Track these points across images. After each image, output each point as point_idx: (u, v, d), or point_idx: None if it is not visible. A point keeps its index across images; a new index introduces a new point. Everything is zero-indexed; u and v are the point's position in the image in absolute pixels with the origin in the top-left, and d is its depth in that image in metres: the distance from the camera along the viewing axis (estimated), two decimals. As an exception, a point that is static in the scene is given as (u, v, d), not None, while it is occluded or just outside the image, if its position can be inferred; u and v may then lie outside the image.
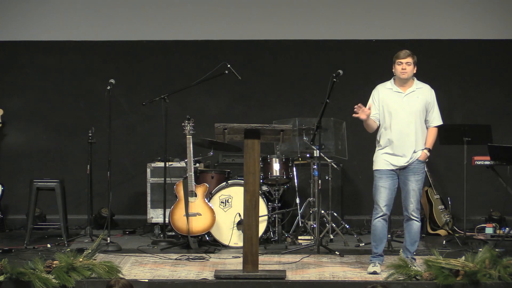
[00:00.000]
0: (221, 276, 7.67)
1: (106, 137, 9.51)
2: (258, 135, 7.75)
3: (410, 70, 8.12)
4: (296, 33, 11.20)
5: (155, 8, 11.27)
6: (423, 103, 8.09)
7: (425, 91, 8.16)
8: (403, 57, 8.12)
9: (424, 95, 8.13)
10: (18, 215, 10.90)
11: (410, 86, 8.16)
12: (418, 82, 8.22)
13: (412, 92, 8.14)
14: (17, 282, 7.44)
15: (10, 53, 11.31)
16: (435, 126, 8.13)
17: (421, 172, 8.10)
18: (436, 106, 8.14)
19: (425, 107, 8.09)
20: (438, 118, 8.14)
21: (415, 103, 8.09)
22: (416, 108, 8.08)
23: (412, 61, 8.13)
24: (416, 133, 8.06)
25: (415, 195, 8.08)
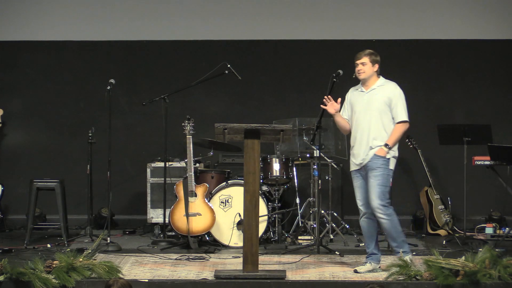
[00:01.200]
0: (221, 276, 7.67)
1: (106, 137, 9.51)
2: (258, 135, 7.75)
3: (367, 70, 8.12)
4: (296, 33, 11.21)
5: (155, 8, 11.27)
6: (383, 100, 8.04)
7: (386, 88, 8.11)
8: (358, 58, 8.16)
9: (384, 92, 8.08)
10: (18, 215, 10.91)
11: (372, 84, 8.16)
12: (382, 80, 8.18)
13: (372, 90, 8.14)
14: (17, 282, 7.44)
15: (10, 53, 11.31)
16: (398, 122, 8.03)
17: (380, 167, 7.99)
18: (400, 103, 8.03)
19: (386, 104, 8.03)
20: (402, 114, 8.03)
21: (374, 101, 8.07)
22: (375, 106, 8.06)
23: (368, 60, 8.11)
24: (373, 129, 8.02)
25: (375, 191, 7.98)
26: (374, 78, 8.17)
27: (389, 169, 8.03)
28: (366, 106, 8.10)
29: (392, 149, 8.04)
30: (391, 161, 8.05)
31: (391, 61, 11.27)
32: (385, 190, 8.00)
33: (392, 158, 8.06)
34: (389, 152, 8.02)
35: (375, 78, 8.17)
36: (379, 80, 8.18)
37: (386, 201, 8.00)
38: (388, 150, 8.00)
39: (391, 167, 8.06)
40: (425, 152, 10.59)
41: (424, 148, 10.61)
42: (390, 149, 8.01)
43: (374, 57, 8.15)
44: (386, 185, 8.01)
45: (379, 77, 8.20)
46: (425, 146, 10.67)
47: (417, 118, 11.15)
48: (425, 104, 11.25)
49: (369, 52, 8.17)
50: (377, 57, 8.17)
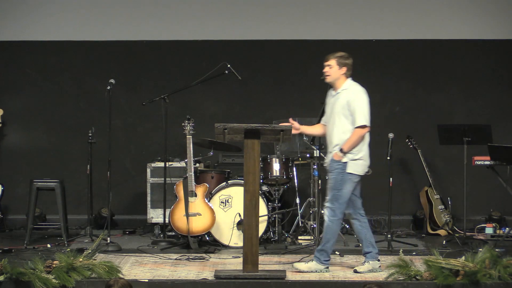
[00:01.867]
0: (221, 276, 7.67)
1: (106, 137, 9.51)
2: (258, 135, 7.75)
3: (332, 73, 8.12)
4: (296, 33, 11.20)
5: (154, 8, 11.26)
6: (343, 103, 8.03)
7: (348, 91, 8.09)
8: (325, 60, 8.16)
9: (345, 95, 8.07)
10: (18, 215, 10.90)
11: (339, 87, 8.15)
12: (348, 84, 8.16)
13: (338, 93, 8.15)
14: (17, 282, 7.44)
15: (10, 53, 11.31)
16: (356, 127, 7.99)
17: (334, 171, 8.00)
18: (358, 107, 8.00)
19: (345, 108, 8.02)
20: (359, 119, 7.98)
21: (337, 104, 8.08)
22: (337, 109, 8.06)
23: (335, 63, 8.11)
24: (335, 133, 8.04)
25: (328, 192, 8.04)
26: (341, 81, 8.14)
27: (346, 173, 7.98)
28: (332, 109, 8.14)
29: (350, 153, 7.99)
30: (348, 165, 7.99)
31: (391, 61, 11.31)
32: (337, 194, 7.99)
33: (350, 162, 7.99)
34: (347, 156, 7.99)
35: (343, 81, 8.15)
36: (345, 83, 8.15)
37: (336, 205, 7.99)
38: (343, 155, 7.97)
39: (349, 171, 7.99)
40: (425, 152, 10.59)
41: (424, 148, 10.61)
42: (345, 154, 7.97)
43: (343, 60, 8.12)
44: (339, 189, 7.99)
45: (347, 80, 8.17)
46: (425, 146, 10.67)
47: (417, 118, 11.20)
48: (425, 104, 11.25)
49: (338, 54, 8.15)
50: (347, 60, 8.15)
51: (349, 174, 8.00)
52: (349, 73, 8.17)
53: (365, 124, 8.00)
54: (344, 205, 8.03)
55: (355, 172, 8.02)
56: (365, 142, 8.10)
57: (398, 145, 10.26)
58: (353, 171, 8.01)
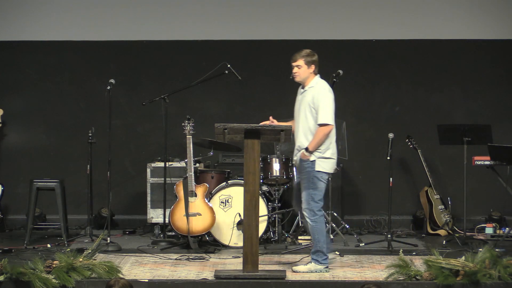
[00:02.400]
0: (221, 276, 7.68)
1: (106, 137, 9.51)
2: (258, 135, 7.75)
3: (301, 72, 8.13)
4: (296, 33, 11.20)
5: (155, 8, 11.26)
6: (308, 101, 8.06)
7: (313, 89, 8.11)
8: (294, 60, 8.16)
9: (310, 93, 8.10)
10: (18, 215, 10.90)
11: (307, 85, 8.17)
12: (315, 81, 8.17)
13: (305, 91, 8.17)
14: (17, 282, 7.44)
15: (10, 53, 11.30)
16: (320, 125, 8.00)
17: (305, 171, 8.01)
18: (322, 105, 8.00)
19: (311, 106, 8.05)
20: (322, 117, 7.98)
21: (303, 102, 8.11)
22: (303, 107, 8.09)
23: (303, 62, 8.11)
24: (301, 131, 8.06)
25: (303, 194, 8.04)
26: (310, 79, 8.17)
27: (316, 171, 7.99)
28: (299, 107, 8.17)
29: (317, 150, 7.99)
30: (317, 164, 8.00)
31: (391, 61, 11.31)
32: (312, 193, 8.00)
33: (318, 160, 8.00)
34: (314, 154, 8.00)
35: (311, 79, 8.18)
36: (313, 81, 8.17)
37: (313, 204, 7.99)
38: (309, 154, 7.98)
39: (318, 169, 7.99)
40: (425, 152, 10.59)
41: (424, 148, 10.61)
42: (311, 153, 7.98)
43: (310, 58, 8.13)
44: (313, 188, 7.99)
45: (315, 77, 8.19)
46: (425, 146, 10.67)
47: (417, 118, 11.20)
48: (425, 104, 11.25)
49: (305, 53, 8.15)
50: (313, 57, 8.15)
51: (319, 172, 8.00)
52: (316, 70, 8.19)
53: (328, 122, 7.99)
54: (321, 202, 8.04)
55: (324, 170, 8.03)
56: (331, 140, 8.10)
57: (398, 145, 10.26)
58: (322, 169, 8.02)
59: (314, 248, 8.12)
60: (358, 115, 11.27)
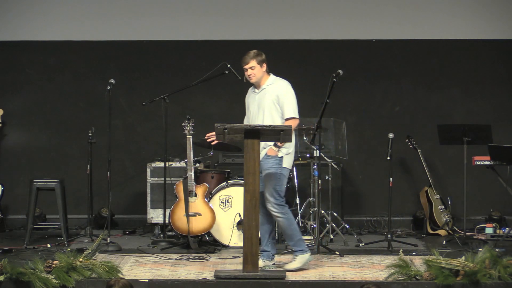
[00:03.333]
0: (221, 276, 7.67)
1: (106, 137, 9.51)
2: (258, 135, 7.75)
3: (256, 73, 8.15)
4: (296, 33, 11.20)
5: (155, 8, 11.26)
6: (271, 98, 8.09)
7: (275, 86, 8.15)
8: (245, 63, 8.17)
9: (272, 90, 8.13)
10: (18, 215, 10.90)
11: (263, 84, 8.20)
12: (272, 79, 8.23)
13: (263, 90, 8.19)
14: (17, 282, 7.44)
15: (10, 53, 11.30)
16: (286, 119, 8.05)
17: (272, 167, 8.02)
18: (287, 100, 8.08)
19: (275, 103, 8.07)
20: (288, 111, 8.05)
21: (264, 100, 8.13)
22: (264, 105, 8.11)
23: (256, 63, 8.14)
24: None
25: (269, 190, 8.03)
26: (264, 78, 8.22)
27: (282, 167, 8.05)
28: (258, 106, 8.17)
29: (284, 146, 8.03)
30: (284, 159, 8.06)
31: (391, 61, 11.31)
32: (279, 189, 8.03)
33: (285, 156, 8.05)
34: (281, 151, 8.03)
35: (266, 77, 8.23)
36: (269, 79, 8.23)
37: (281, 200, 8.04)
38: (278, 149, 8.01)
39: (285, 165, 8.06)
40: (425, 152, 10.59)
41: (424, 148, 10.61)
42: (280, 148, 8.01)
43: (260, 58, 8.18)
44: (280, 184, 8.03)
45: (270, 75, 8.24)
46: (425, 146, 10.68)
47: (417, 118, 11.20)
48: (425, 104, 11.25)
49: (254, 54, 8.18)
50: (263, 57, 8.20)
51: (285, 169, 8.07)
52: (267, 68, 8.22)
53: (295, 116, 8.08)
54: (284, 198, 8.08)
55: (288, 166, 8.12)
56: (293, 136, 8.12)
57: (398, 145, 10.26)
58: (287, 165, 8.09)
59: (292, 240, 8.14)
60: (358, 115, 11.27)
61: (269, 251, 8.23)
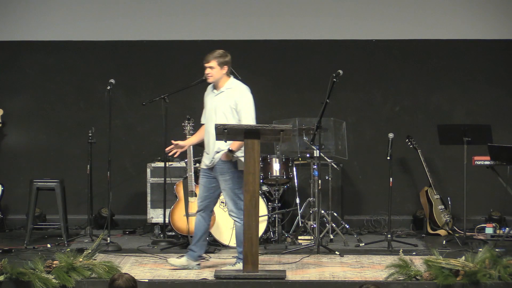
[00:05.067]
0: (221, 276, 7.68)
1: (106, 137, 9.51)
2: (258, 135, 7.75)
3: (215, 73, 8.09)
4: (296, 33, 11.20)
5: (155, 8, 11.26)
6: (229, 103, 8.02)
7: (233, 91, 8.08)
8: (206, 61, 8.12)
9: (231, 95, 8.06)
10: (18, 215, 10.90)
11: (222, 86, 8.13)
12: (232, 82, 8.15)
13: (221, 92, 8.12)
14: (17, 282, 7.45)
15: (10, 53, 11.30)
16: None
17: (228, 172, 7.99)
18: (245, 107, 8.00)
19: (232, 108, 8.02)
20: (247, 118, 7.97)
21: (221, 103, 8.06)
22: (222, 109, 8.04)
23: (216, 63, 8.08)
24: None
25: (227, 195, 8.00)
26: (224, 80, 8.14)
27: (238, 170, 8.00)
28: (215, 108, 8.10)
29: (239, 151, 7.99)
30: (238, 163, 8.01)
31: (391, 61, 11.31)
32: (238, 193, 7.98)
33: (239, 160, 8.01)
34: (236, 155, 8.00)
35: (225, 80, 8.14)
36: (228, 82, 8.14)
37: (240, 204, 7.96)
38: (232, 154, 7.98)
39: (240, 168, 7.99)
40: (425, 152, 10.59)
41: (424, 148, 10.61)
42: (234, 154, 7.98)
43: (222, 59, 8.10)
44: (238, 188, 7.98)
45: (230, 78, 8.17)
46: (425, 146, 10.68)
47: (417, 118, 11.20)
48: (425, 104, 11.25)
49: (217, 54, 8.12)
50: (226, 58, 8.13)
51: (241, 172, 7.98)
52: (229, 71, 8.18)
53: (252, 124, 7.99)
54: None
55: (242, 169, 8.02)
56: None
57: (398, 145, 10.25)
58: (242, 168, 8.00)
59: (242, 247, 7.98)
60: (358, 115, 11.27)
61: (196, 252, 8.19)
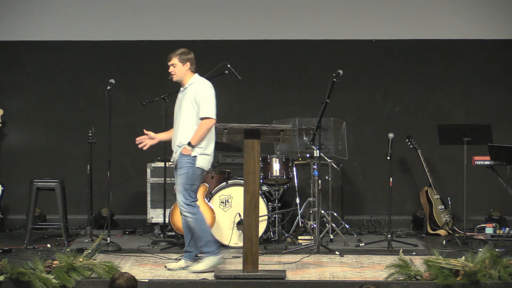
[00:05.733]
0: (221, 276, 7.67)
1: (106, 137, 9.51)
2: (258, 135, 7.75)
3: (177, 71, 8.15)
4: (296, 33, 11.20)
5: (155, 8, 11.27)
6: (191, 98, 8.06)
7: (194, 86, 8.13)
8: (168, 60, 8.18)
9: (192, 90, 8.10)
10: (18, 215, 10.91)
11: (185, 83, 8.19)
12: (195, 79, 8.20)
13: (185, 89, 8.18)
14: (17, 282, 7.44)
15: (10, 53, 11.31)
16: (202, 119, 8.01)
17: (185, 166, 7.99)
18: (205, 100, 8.04)
19: (192, 102, 8.05)
20: (204, 111, 8.00)
21: (184, 99, 8.11)
22: (184, 104, 8.09)
23: (178, 60, 8.13)
24: (182, 128, 8.05)
25: (179, 189, 8.01)
26: (188, 77, 8.19)
27: (195, 167, 8.00)
28: (179, 105, 8.17)
29: (199, 146, 8.01)
30: (198, 159, 8.01)
31: (391, 61, 11.31)
32: (190, 189, 8.00)
33: (199, 156, 8.01)
34: (195, 150, 8.00)
35: (189, 77, 8.19)
36: (192, 78, 8.20)
37: (191, 199, 8.00)
38: (191, 148, 7.98)
39: (198, 165, 8.00)
40: (425, 152, 10.59)
41: (424, 148, 10.61)
42: (193, 147, 7.99)
43: (184, 56, 8.15)
44: (191, 184, 8.00)
45: (194, 75, 8.22)
46: (425, 146, 10.68)
47: (417, 118, 11.21)
48: (425, 104, 11.26)
49: (179, 52, 8.17)
50: (188, 55, 8.17)
51: (199, 169, 8.01)
52: (193, 67, 8.21)
53: (210, 116, 8.02)
54: (196, 198, 8.05)
55: (203, 166, 8.05)
56: (212, 138, 8.13)
57: (398, 145, 10.26)
58: (201, 165, 8.03)
59: (201, 241, 8.03)
60: (358, 115, 11.27)
61: (192, 252, 8.21)
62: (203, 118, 8.01)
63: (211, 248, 8.05)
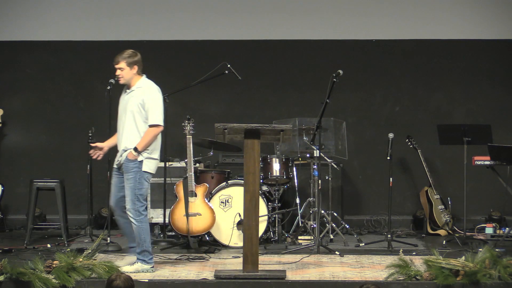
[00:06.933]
0: (221, 276, 7.67)
1: (106, 137, 9.49)
2: (258, 135, 7.75)
3: (125, 74, 8.11)
4: (296, 33, 11.20)
5: (155, 8, 11.26)
6: (138, 102, 8.03)
7: (142, 90, 8.09)
8: (116, 63, 8.15)
9: (140, 94, 8.07)
10: (18, 215, 10.91)
11: (133, 85, 8.15)
12: (142, 82, 8.16)
13: (132, 91, 8.14)
14: (17, 282, 7.44)
15: (10, 53, 11.30)
16: (150, 126, 7.99)
17: (131, 171, 7.99)
18: (153, 106, 8.01)
19: (140, 107, 8.02)
20: (152, 118, 7.98)
21: (130, 102, 8.08)
22: (130, 107, 8.06)
23: (125, 64, 8.10)
24: (127, 131, 8.04)
25: (127, 194, 8.00)
26: (135, 79, 8.15)
27: (142, 171, 8.00)
28: (125, 107, 8.13)
29: (146, 151, 8.00)
30: (144, 164, 8.01)
31: (391, 61, 11.31)
32: (138, 193, 8.00)
33: (146, 160, 8.01)
34: (142, 154, 8.00)
35: (136, 79, 8.16)
36: (139, 81, 8.16)
37: (139, 204, 7.98)
38: (137, 154, 7.97)
39: (144, 169, 8.00)
40: (425, 152, 10.59)
41: (424, 148, 10.61)
42: (140, 153, 7.98)
43: (131, 59, 8.11)
44: (139, 188, 8.00)
45: (141, 77, 8.19)
46: (425, 146, 10.68)
47: (417, 118, 11.21)
48: (425, 104, 11.26)
49: (126, 55, 8.13)
50: (135, 58, 8.13)
51: (146, 173, 8.01)
52: (140, 69, 8.18)
53: (159, 123, 8.01)
54: (145, 202, 8.05)
55: (150, 170, 8.05)
56: (158, 142, 8.12)
57: (398, 145, 10.26)
58: (148, 169, 8.03)
59: (139, 248, 8.03)
60: (358, 115, 11.27)
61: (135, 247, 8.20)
62: (152, 126, 7.99)
63: (145, 258, 8.04)
